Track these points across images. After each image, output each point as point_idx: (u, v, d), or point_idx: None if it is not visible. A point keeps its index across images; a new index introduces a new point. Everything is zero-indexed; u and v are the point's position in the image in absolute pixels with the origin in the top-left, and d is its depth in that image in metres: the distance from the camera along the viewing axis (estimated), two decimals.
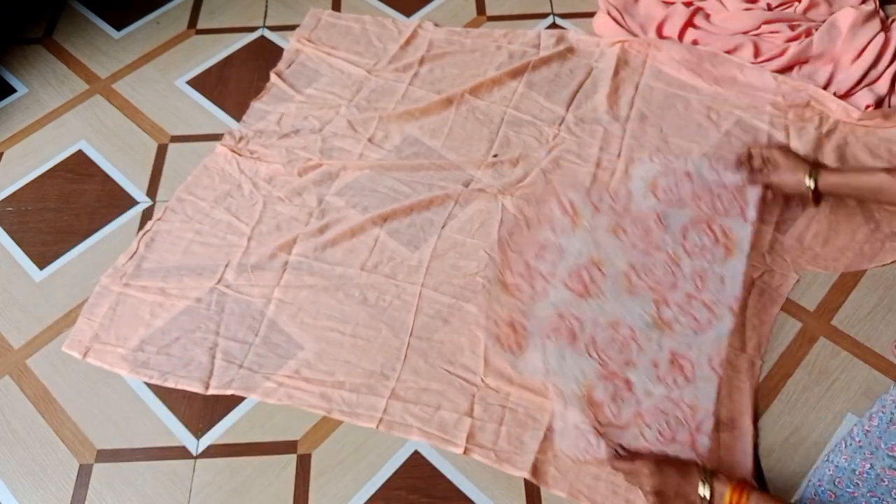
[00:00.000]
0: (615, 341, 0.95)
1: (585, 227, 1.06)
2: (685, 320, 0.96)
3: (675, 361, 0.93)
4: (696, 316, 0.96)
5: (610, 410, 0.90)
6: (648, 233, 1.04)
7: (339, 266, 1.07)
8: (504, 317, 0.99)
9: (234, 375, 0.98)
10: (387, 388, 0.95)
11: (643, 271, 1.01)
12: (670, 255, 1.01)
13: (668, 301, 0.98)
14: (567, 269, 1.02)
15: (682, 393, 0.91)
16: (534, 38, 1.35)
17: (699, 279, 0.99)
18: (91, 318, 1.05)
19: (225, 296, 1.05)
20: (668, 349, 0.94)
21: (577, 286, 1.00)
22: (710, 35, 1.31)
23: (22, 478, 0.93)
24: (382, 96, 1.29)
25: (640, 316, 0.97)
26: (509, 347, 0.97)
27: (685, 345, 0.94)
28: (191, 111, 1.31)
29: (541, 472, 0.88)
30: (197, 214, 1.15)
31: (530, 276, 1.03)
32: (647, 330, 0.96)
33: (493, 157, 1.18)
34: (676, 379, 0.92)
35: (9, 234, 1.17)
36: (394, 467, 0.91)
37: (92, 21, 1.49)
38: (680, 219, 1.04)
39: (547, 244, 1.05)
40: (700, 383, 0.91)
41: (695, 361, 0.93)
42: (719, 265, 1.00)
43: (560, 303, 0.99)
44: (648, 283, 1.00)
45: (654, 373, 0.93)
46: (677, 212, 1.05)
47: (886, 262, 1.04)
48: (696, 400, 0.90)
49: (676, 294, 0.98)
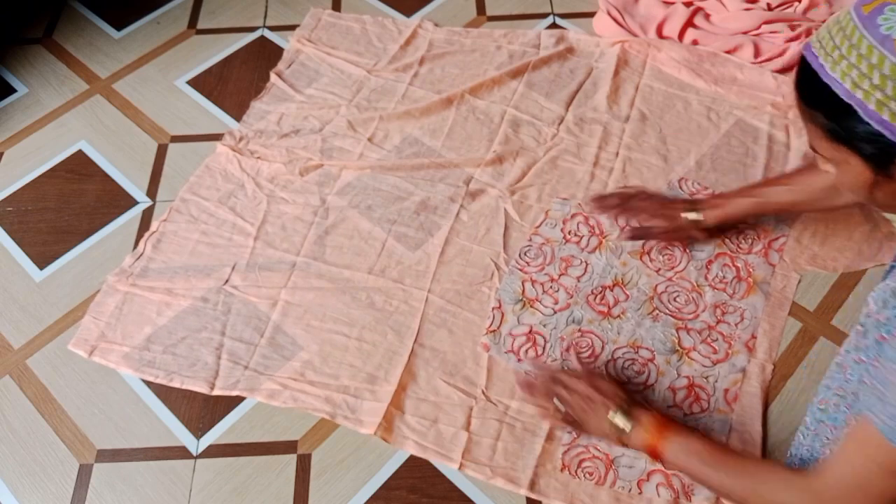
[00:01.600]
0: (635, 363, 0.96)
1: (612, 247, 1.06)
2: (704, 349, 0.97)
3: (692, 390, 0.94)
4: (714, 347, 0.97)
5: None
6: (673, 261, 1.04)
7: (347, 269, 1.07)
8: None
9: (240, 376, 0.98)
10: (388, 393, 0.95)
11: (666, 297, 1.01)
12: (694, 285, 1.02)
13: (688, 329, 0.98)
14: (591, 287, 1.03)
15: (696, 422, 0.91)
16: (534, 38, 1.35)
17: (719, 312, 1.00)
18: (97, 316, 1.05)
19: (232, 296, 1.05)
20: (686, 376, 0.95)
21: (600, 305, 1.01)
22: (710, 35, 1.31)
23: (22, 478, 0.93)
24: (382, 96, 1.29)
25: (661, 340, 0.98)
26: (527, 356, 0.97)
27: (702, 374, 0.95)
28: (191, 111, 1.31)
29: (540, 487, 0.87)
30: (202, 215, 1.15)
31: (553, 290, 1.03)
32: (667, 354, 0.96)
33: (493, 152, 1.18)
34: (693, 406, 0.92)
35: (9, 234, 1.17)
36: (394, 467, 0.91)
37: (92, 21, 1.49)
38: (705, 250, 1.05)
39: (573, 260, 1.06)
40: (715, 415, 0.92)
41: (711, 392, 0.93)
42: (739, 300, 1.00)
43: (582, 320, 1.00)
44: (671, 309, 1.00)
45: (672, 397, 0.93)
46: (702, 243, 1.05)
47: (885, 262, 1.04)
48: (711, 433, 0.90)
49: (697, 323, 0.99)
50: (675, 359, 0.96)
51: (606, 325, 0.99)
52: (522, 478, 0.88)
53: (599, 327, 0.99)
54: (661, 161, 1.16)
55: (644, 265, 1.05)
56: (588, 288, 1.03)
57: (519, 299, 1.02)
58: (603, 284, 1.03)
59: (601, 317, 1.00)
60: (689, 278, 1.03)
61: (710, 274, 1.03)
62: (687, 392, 0.93)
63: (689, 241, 1.04)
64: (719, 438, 0.90)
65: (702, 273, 1.03)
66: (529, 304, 1.02)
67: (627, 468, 0.87)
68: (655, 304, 1.01)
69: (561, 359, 0.97)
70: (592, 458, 0.88)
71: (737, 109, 1.22)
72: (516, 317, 1.01)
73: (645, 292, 1.02)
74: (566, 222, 1.10)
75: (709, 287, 1.02)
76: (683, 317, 1.00)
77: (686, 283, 1.02)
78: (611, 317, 1.00)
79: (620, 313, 1.00)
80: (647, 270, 1.04)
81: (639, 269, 1.04)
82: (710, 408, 0.92)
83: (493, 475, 0.88)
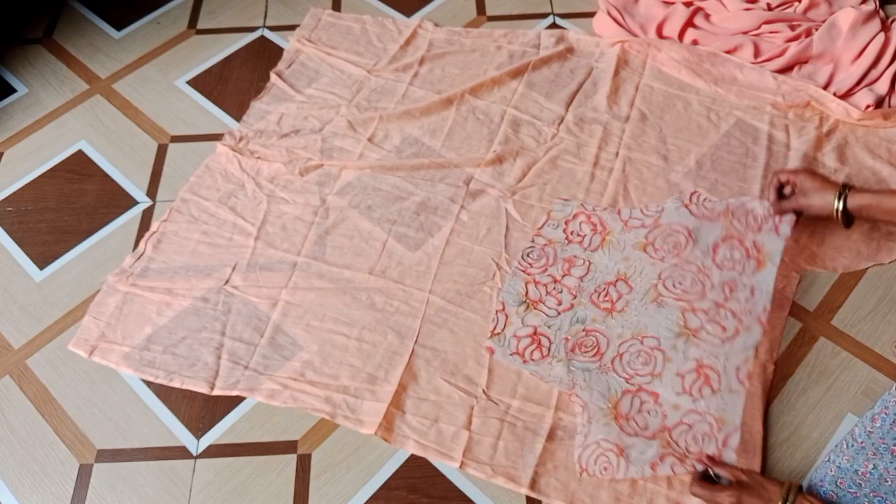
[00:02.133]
0: (641, 353, 0.95)
1: (614, 243, 1.06)
2: (712, 328, 0.95)
3: (701, 371, 0.92)
4: (723, 325, 0.94)
5: (636, 422, 0.90)
6: (678, 247, 1.03)
7: (348, 269, 1.07)
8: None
9: (240, 376, 0.98)
10: (388, 393, 0.95)
11: (672, 283, 1.00)
12: (700, 267, 1.00)
13: (695, 309, 0.97)
14: (595, 285, 1.02)
15: (707, 405, 0.89)
16: (534, 38, 1.35)
17: (728, 289, 0.97)
18: (97, 316, 1.05)
19: (232, 296, 1.05)
20: (694, 358, 0.93)
21: (604, 302, 1.01)
22: (710, 35, 1.31)
23: (22, 478, 0.93)
24: (382, 96, 1.29)
25: (666, 326, 0.96)
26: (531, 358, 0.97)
27: (711, 354, 0.92)
28: (191, 111, 1.31)
29: (540, 486, 0.88)
30: (202, 215, 1.15)
31: (557, 291, 1.03)
32: (673, 339, 0.95)
33: (493, 152, 1.18)
34: (703, 389, 0.90)
35: (9, 234, 1.17)
36: (394, 467, 0.91)
37: (92, 21, 1.49)
38: (711, 234, 1.03)
39: (575, 260, 1.05)
40: (726, 395, 0.89)
41: (721, 372, 0.91)
42: (749, 276, 0.98)
43: (586, 319, 0.99)
44: (676, 293, 0.99)
45: (680, 383, 0.91)
46: (709, 227, 1.04)
47: (884, 262, 1.04)
48: (723, 413, 0.88)
49: (704, 303, 0.97)
50: (681, 342, 0.94)
51: (611, 321, 0.99)
52: (523, 477, 0.88)
53: (604, 324, 0.99)
54: (661, 161, 1.16)
55: (648, 255, 1.03)
56: (591, 287, 1.02)
57: (522, 301, 1.02)
58: (607, 281, 1.03)
59: (605, 313, 1.00)
60: (695, 261, 1.01)
61: (717, 256, 1.01)
62: (696, 375, 0.91)
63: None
64: (734, 423, 0.87)
65: (708, 255, 1.01)
66: (533, 305, 1.02)
67: (639, 453, 0.86)
68: (660, 290, 0.99)
69: (566, 359, 0.97)
70: (604, 452, 0.88)
71: (737, 109, 1.22)
72: (520, 318, 1.01)
73: (649, 280, 1.01)
74: (568, 222, 1.10)
75: (716, 268, 1.00)
76: (689, 298, 0.98)
77: (692, 266, 1.01)
78: (615, 311, 0.99)
79: (624, 306, 0.99)
80: (650, 260, 1.03)
81: (642, 260, 1.03)
82: (721, 387, 0.90)
83: (494, 474, 0.88)
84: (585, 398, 0.92)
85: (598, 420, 0.90)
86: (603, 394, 0.92)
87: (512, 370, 0.96)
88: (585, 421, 0.91)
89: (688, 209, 1.07)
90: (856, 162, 1.14)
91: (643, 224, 1.07)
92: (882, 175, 1.12)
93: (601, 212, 1.09)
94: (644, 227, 1.07)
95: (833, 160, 1.14)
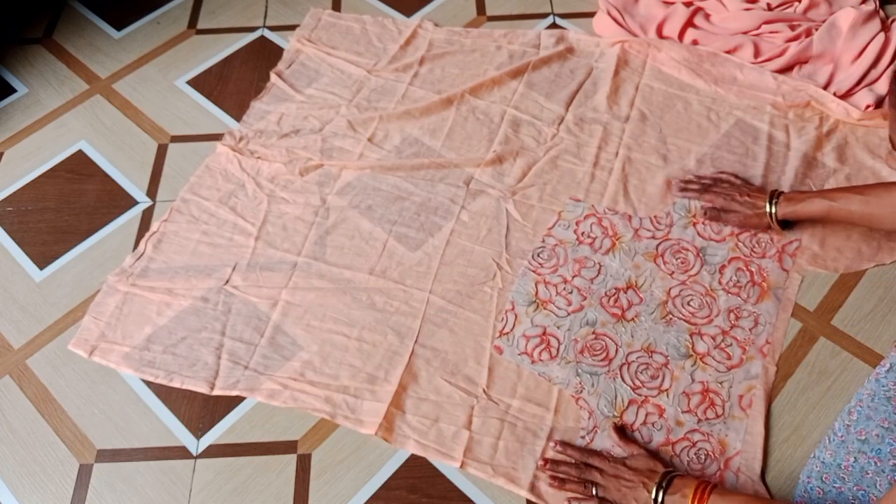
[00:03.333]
0: (649, 367, 0.96)
1: (625, 249, 1.06)
2: (718, 355, 0.96)
3: (707, 395, 0.93)
4: (728, 353, 0.96)
5: (640, 435, 0.91)
6: (686, 264, 1.04)
7: (348, 269, 1.07)
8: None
9: (240, 376, 0.98)
10: (388, 393, 0.95)
11: (680, 301, 1.01)
12: (707, 289, 1.02)
13: (702, 334, 0.98)
14: (605, 289, 1.03)
15: (711, 427, 0.91)
16: (534, 38, 1.35)
17: (733, 316, 0.99)
18: (97, 316, 1.05)
19: (232, 296, 1.05)
20: (700, 381, 0.94)
21: (614, 308, 1.01)
22: (710, 35, 1.31)
23: (22, 478, 0.93)
24: (382, 96, 1.29)
25: (674, 345, 0.97)
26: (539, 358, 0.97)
27: (717, 380, 0.94)
28: (191, 111, 1.31)
29: (540, 489, 0.87)
30: (203, 215, 1.15)
31: (567, 291, 1.03)
32: (682, 360, 0.96)
33: (493, 152, 1.18)
34: (707, 412, 0.92)
35: (9, 234, 1.17)
36: (394, 467, 0.91)
37: (92, 21, 1.49)
38: (718, 254, 1.05)
39: (586, 262, 1.06)
40: (730, 421, 0.91)
41: (726, 398, 0.93)
42: (753, 305, 1.00)
43: (596, 322, 1.00)
44: (684, 314, 1.00)
45: (686, 402, 0.93)
46: (716, 247, 1.05)
47: (885, 262, 1.04)
48: (725, 438, 0.90)
49: (711, 328, 0.99)
50: (689, 364, 0.96)
51: (620, 327, 0.99)
52: (523, 478, 0.88)
53: (613, 330, 0.99)
54: (661, 161, 1.16)
55: (658, 267, 1.04)
56: (601, 290, 1.03)
57: (532, 301, 1.02)
58: (616, 286, 1.03)
59: (615, 319, 1.00)
60: (702, 282, 1.03)
61: (723, 278, 1.03)
62: (701, 398, 0.93)
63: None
64: (735, 448, 0.89)
65: (715, 277, 1.03)
66: (542, 305, 1.02)
67: None
68: (669, 308, 1.00)
69: (575, 361, 0.97)
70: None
71: (737, 109, 1.22)
72: (530, 318, 1.01)
73: (659, 296, 1.02)
74: (579, 223, 1.10)
75: (722, 291, 1.02)
76: (697, 321, 0.99)
77: (700, 287, 1.02)
78: (625, 319, 1.00)
79: (634, 316, 1.00)
80: (660, 273, 1.04)
81: (652, 271, 1.04)
82: (725, 413, 0.92)
83: (494, 474, 0.88)
84: (592, 404, 0.93)
85: (604, 429, 0.91)
86: (610, 401, 0.93)
87: (512, 370, 0.96)
88: (591, 428, 0.91)
89: (695, 228, 1.08)
90: (856, 162, 1.14)
91: (654, 236, 1.08)
92: (882, 175, 1.12)
93: (612, 216, 1.10)
94: (654, 238, 1.07)
95: (833, 160, 1.14)
